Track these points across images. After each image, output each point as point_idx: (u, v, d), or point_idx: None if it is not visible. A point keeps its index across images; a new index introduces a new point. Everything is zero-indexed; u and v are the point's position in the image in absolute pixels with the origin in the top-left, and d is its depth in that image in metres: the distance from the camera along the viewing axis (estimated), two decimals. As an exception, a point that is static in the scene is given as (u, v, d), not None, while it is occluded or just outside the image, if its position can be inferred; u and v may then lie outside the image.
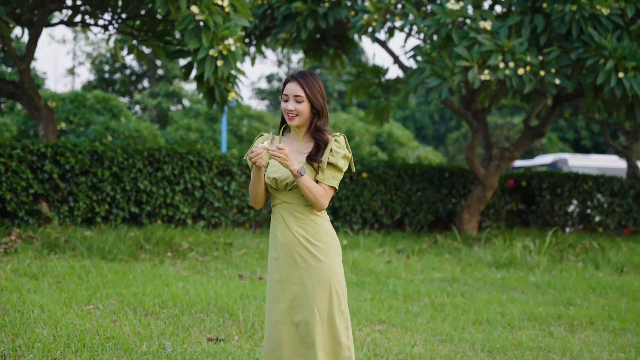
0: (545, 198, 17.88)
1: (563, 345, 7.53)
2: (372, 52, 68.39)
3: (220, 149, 26.96)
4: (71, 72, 49.15)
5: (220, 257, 11.78)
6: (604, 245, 15.38)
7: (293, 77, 4.61)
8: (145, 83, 45.39)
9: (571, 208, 18.40)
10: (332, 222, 15.34)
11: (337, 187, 4.61)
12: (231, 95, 12.20)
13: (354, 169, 4.86)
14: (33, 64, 40.21)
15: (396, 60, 16.74)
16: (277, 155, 4.37)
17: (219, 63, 11.33)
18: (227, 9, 11.65)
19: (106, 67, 44.20)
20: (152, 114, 41.90)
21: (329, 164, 4.58)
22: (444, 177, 17.11)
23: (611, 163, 27.09)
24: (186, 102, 42.30)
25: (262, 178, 4.60)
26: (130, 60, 44.48)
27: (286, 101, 4.61)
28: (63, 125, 28.68)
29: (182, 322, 7.29)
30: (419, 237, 15.81)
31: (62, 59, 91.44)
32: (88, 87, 42.81)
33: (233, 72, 11.97)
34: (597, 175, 18.68)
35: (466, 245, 14.83)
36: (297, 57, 51.65)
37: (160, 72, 43.81)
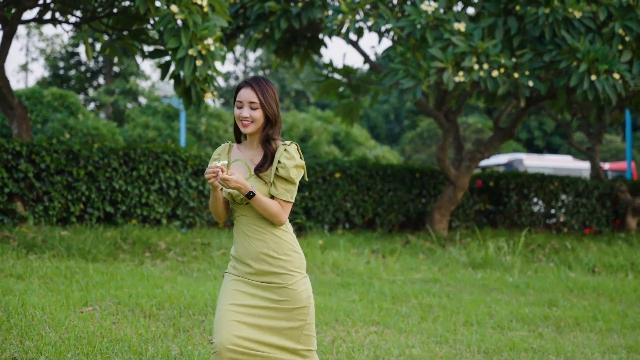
0: (513, 199, 18.06)
1: (555, 347, 7.63)
2: (343, 52, 68.43)
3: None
4: (24, 68, 48.52)
5: (200, 257, 11.72)
6: (573, 245, 15.57)
7: (247, 82, 4.47)
8: (101, 80, 44.98)
9: (536, 208, 18.62)
10: (305, 221, 15.37)
11: (292, 201, 4.46)
12: (207, 96, 12.15)
13: (307, 178, 4.72)
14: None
15: (367, 60, 16.78)
16: (225, 186, 4.28)
17: (198, 63, 11.27)
18: (205, 9, 11.59)
19: (61, 64, 43.71)
20: (107, 111, 41.53)
21: (279, 177, 4.42)
22: (415, 177, 17.21)
23: (566, 163, 27.54)
24: (142, 100, 42.01)
25: (220, 196, 4.46)
26: (84, 56, 44.02)
27: (240, 108, 4.47)
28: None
29: (181, 323, 7.26)
30: (391, 237, 15.86)
31: (14, 54, 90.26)
32: (43, 83, 42.33)
33: (210, 72, 11.91)
34: (563, 176, 18.93)
35: (439, 246, 14.92)
36: (254, 56, 51.58)
37: (116, 69, 43.43)
